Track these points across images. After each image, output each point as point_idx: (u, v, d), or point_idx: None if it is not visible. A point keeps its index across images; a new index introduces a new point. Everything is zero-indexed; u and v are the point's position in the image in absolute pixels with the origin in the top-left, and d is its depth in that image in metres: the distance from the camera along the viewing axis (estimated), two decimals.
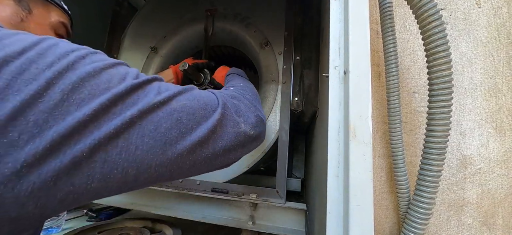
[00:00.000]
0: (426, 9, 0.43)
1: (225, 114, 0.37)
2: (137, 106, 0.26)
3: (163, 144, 0.28)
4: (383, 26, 0.58)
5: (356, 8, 0.38)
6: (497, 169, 0.60)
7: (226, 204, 0.72)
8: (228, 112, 0.38)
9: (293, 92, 0.71)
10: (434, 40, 0.43)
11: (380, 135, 0.65)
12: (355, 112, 0.34)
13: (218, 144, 0.35)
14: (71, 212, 0.99)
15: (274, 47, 0.76)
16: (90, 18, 1.10)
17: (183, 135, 0.30)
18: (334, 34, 0.40)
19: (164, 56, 0.90)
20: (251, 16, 0.81)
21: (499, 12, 0.66)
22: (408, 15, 0.69)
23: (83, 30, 1.09)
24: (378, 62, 0.68)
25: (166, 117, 0.29)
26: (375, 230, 0.38)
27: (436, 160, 0.45)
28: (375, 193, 0.63)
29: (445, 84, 0.43)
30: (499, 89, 0.63)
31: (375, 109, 0.66)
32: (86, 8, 1.08)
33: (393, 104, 0.56)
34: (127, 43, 0.94)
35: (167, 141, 0.28)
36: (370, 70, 0.35)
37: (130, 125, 0.25)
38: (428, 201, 0.46)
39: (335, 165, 0.36)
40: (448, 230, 0.61)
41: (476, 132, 0.62)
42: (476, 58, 0.65)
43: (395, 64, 0.56)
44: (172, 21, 0.90)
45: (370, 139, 0.33)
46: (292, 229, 0.67)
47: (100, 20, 1.09)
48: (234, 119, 0.39)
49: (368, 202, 0.32)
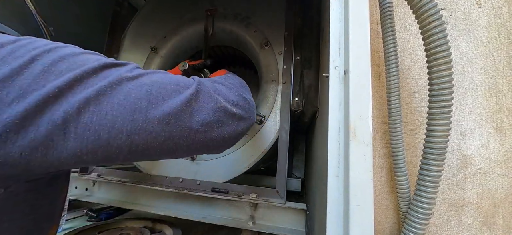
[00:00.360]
0: (426, 9, 0.43)
1: (201, 89, 0.39)
2: (108, 79, 0.30)
3: (133, 111, 0.30)
4: (383, 26, 0.58)
5: (356, 8, 0.38)
6: (498, 169, 0.60)
7: (226, 204, 0.72)
8: (204, 89, 0.39)
9: (293, 92, 0.71)
10: (435, 40, 0.43)
11: (380, 135, 0.65)
12: (355, 112, 0.34)
13: (195, 118, 0.36)
14: (71, 212, 0.99)
15: (274, 47, 0.76)
16: (90, 18, 1.11)
17: (154, 105, 0.32)
18: (334, 34, 0.40)
19: (164, 56, 0.90)
20: (251, 16, 0.81)
21: (500, 12, 0.65)
22: (408, 15, 0.69)
23: (83, 30, 1.10)
24: (378, 62, 0.68)
25: (135, 89, 0.31)
26: (375, 230, 0.38)
27: (436, 160, 0.45)
28: (375, 193, 0.63)
29: (446, 84, 0.43)
30: (500, 89, 0.63)
31: (375, 109, 0.66)
32: (86, 8, 1.08)
33: (393, 104, 0.56)
34: (127, 43, 0.94)
35: (137, 108, 0.31)
36: (370, 70, 0.35)
37: (101, 94, 0.29)
38: (428, 201, 0.46)
39: (335, 165, 0.36)
40: (448, 230, 0.61)
41: (477, 132, 0.62)
42: (477, 58, 0.65)
43: (395, 64, 0.56)
44: (172, 21, 0.90)
45: (370, 139, 0.33)
46: (292, 229, 0.67)
47: (100, 20, 1.09)
48: (211, 94, 0.40)
49: (368, 202, 0.32)
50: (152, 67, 0.88)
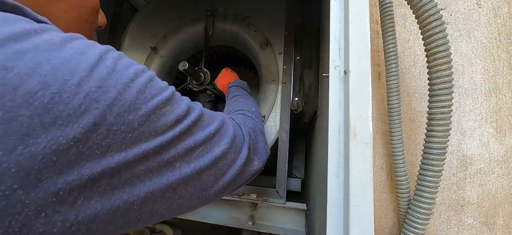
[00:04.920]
0: (426, 9, 0.43)
1: (248, 156, 0.37)
2: (190, 165, 0.26)
3: (201, 191, 0.28)
4: (383, 26, 0.58)
5: (356, 8, 0.38)
6: (498, 169, 0.60)
7: (226, 204, 0.72)
8: (250, 154, 0.38)
9: (293, 92, 0.71)
10: (434, 40, 0.43)
11: (380, 135, 0.65)
12: (355, 112, 0.34)
13: (237, 183, 0.36)
14: None
15: (274, 47, 0.76)
16: None
17: (217, 180, 0.30)
18: (334, 34, 0.40)
19: (164, 56, 0.90)
20: (251, 16, 0.81)
21: (500, 12, 0.65)
22: (408, 15, 0.69)
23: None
24: (378, 62, 0.68)
25: (210, 167, 0.29)
26: (375, 230, 0.38)
27: (436, 160, 0.45)
28: (375, 193, 0.63)
29: (445, 84, 0.43)
30: (500, 89, 0.63)
31: (375, 109, 0.66)
32: None
33: (393, 104, 0.56)
34: (127, 43, 0.94)
35: (204, 187, 0.29)
36: (370, 70, 0.35)
37: (182, 183, 0.25)
38: (429, 201, 0.46)
39: (335, 165, 0.36)
40: (448, 230, 0.61)
41: (477, 132, 0.62)
42: (477, 58, 0.65)
43: (395, 64, 0.56)
44: (172, 21, 0.90)
45: (370, 139, 0.33)
46: (292, 229, 0.67)
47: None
48: (251, 158, 0.38)
49: (368, 202, 0.32)
50: (152, 67, 0.88)
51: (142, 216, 0.23)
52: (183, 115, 0.26)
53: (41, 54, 0.17)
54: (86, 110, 0.18)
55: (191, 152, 0.26)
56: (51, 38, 0.19)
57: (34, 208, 0.16)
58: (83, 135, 0.18)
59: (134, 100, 0.21)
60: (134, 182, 0.21)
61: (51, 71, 0.17)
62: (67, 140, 0.17)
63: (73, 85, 0.17)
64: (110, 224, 0.20)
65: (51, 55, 0.17)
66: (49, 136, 0.16)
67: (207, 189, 0.29)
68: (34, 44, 0.17)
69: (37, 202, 0.16)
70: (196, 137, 0.27)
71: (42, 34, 0.18)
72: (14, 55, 0.16)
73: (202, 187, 0.28)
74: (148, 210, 0.23)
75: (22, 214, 0.15)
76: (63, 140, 0.17)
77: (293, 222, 0.68)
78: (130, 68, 0.22)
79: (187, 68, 0.72)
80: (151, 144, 0.22)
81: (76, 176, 0.17)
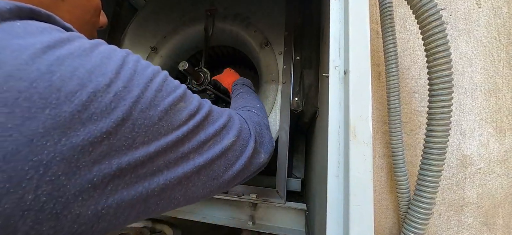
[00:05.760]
0: (426, 9, 0.43)
1: (255, 148, 0.39)
2: (203, 156, 0.29)
3: (212, 179, 0.31)
4: (383, 26, 0.58)
5: (356, 8, 0.38)
6: (497, 169, 0.60)
7: (226, 204, 0.72)
8: (256, 146, 0.40)
9: (293, 92, 0.71)
10: (434, 40, 0.43)
11: (380, 135, 0.65)
12: (355, 112, 0.34)
13: (245, 174, 0.38)
14: None
15: (274, 47, 0.76)
16: None
17: (227, 169, 0.33)
18: (334, 34, 0.40)
19: (164, 56, 0.90)
20: (251, 16, 0.81)
21: (499, 12, 0.65)
22: (408, 15, 0.69)
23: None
24: (378, 62, 0.68)
25: (220, 158, 0.32)
26: (375, 230, 0.38)
27: (436, 160, 0.45)
28: (375, 193, 0.63)
29: (445, 84, 0.43)
30: (499, 89, 0.63)
31: (375, 109, 0.66)
32: None
33: (393, 104, 0.56)
34: (127, 43, 0.94)
35: (215, 176, 0.31)
36: (370, 70, 0.35)
37: (196, 172, 0.28)
38: (428, 201, 0.46)
39: (335, 165, 0.36)
40: (448, 230, 0.61)
41: (476, 132, 0.62)
42: (476, 58, 0.65)
43: (395, 64, 0.56)
44: (172, 21, 0.90)
45: (370, 139, 0.33)
46: (292, 229, 0.67)
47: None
48: (258, 151, 0.41)
49: (368, 202, 0.32)
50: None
51: (161, 202, 0.25)
52: (195, 111, 0.29)
53: (77, 60, 0.20)
54: (115, 107, 0.20)
55: (203, 144, 0.29)
56: (82, 45, 0.21)
57: (73, 193, 0.18)
58: (114, 128, 0.20)
59: (153, 98, 0.24)
60: (154, 172, 0.24)
61: (86, 74, 0.20)
62: (101, 133, 0.19)
63: (104, 85, 0.20)
64: (133, 209, 0.23)
65: (85, 60, 0.20)
66: (87, 129, 0.19)
67: (218, 177, 0.32)
68: (69, 50, 0.20)
69: (76, 187, 0.18)
70: (207, 131, 0.30)
71: (73, 42, 0.21)
72: (56, 60, 0.19)
73: (213, 176, 0.31)
74: (166, 196, 0.26)
75: (63, 197, 0.18)
76: (97, 133, 0.19)
77: (293, 222, 0.68)
78: (148, 69, 0.25)
79: (187, 68, 0.72)
80: (169, 138, 0.25)
81: (107, 166, 0.20)
